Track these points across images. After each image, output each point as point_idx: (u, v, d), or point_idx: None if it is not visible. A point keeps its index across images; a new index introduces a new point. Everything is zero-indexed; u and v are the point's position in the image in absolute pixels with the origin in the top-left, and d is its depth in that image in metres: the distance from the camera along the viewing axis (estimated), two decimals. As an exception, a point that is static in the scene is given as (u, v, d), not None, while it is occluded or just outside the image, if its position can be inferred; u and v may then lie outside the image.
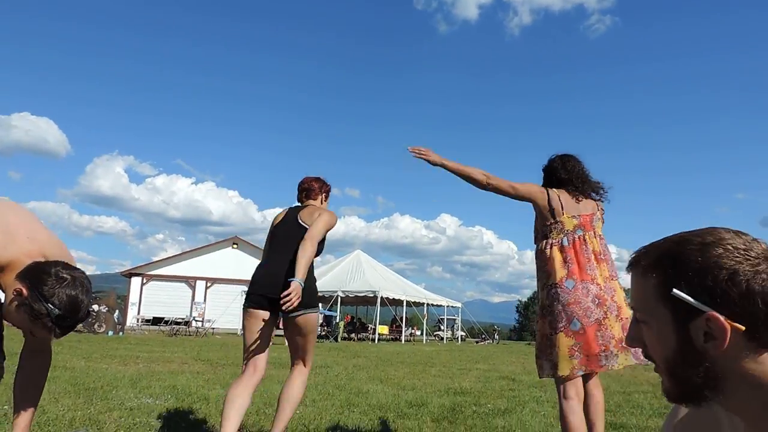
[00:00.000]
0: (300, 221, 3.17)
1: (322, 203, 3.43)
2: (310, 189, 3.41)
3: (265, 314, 3.05)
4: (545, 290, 2.72)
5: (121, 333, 21.55)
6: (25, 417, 1.97)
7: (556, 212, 2.72)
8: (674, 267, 0.83)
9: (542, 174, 2.96)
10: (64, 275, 1.74)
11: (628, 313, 2.61)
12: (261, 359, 3.11)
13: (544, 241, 2.76)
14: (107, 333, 20.75)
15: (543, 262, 2.75)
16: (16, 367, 2.11)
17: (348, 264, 28.34)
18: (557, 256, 2.66)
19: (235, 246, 38.34)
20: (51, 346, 2.17)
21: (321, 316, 28.31)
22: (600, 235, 2.77)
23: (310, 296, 3.06)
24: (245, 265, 37.55)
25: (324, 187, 3.47)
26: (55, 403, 4.55)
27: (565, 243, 2.67)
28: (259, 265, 3.26)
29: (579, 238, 2.68)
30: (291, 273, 2.91)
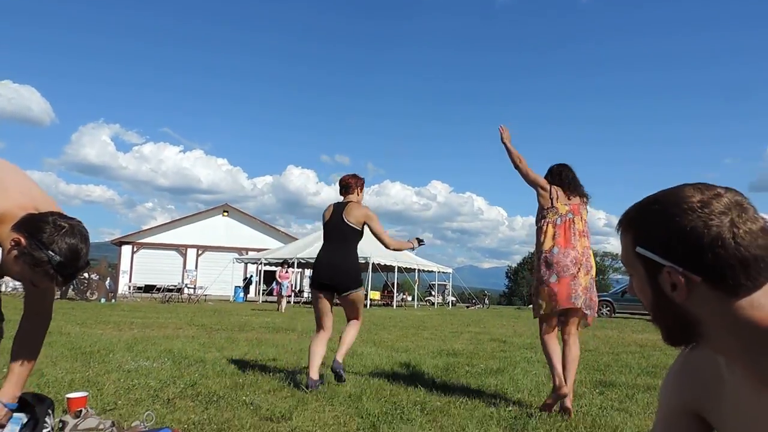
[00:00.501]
0: (345, 220, 4.34)
1: (358, 195, 4.50)
2: (348, 185, 4.48)
3: (326, 293, 4.38)
4: (537, 255, 3.74)
5: (113, 300, 21.60)
6: (21, 370, 1.93)
7: (553, 200, 3.67)
8: (639, 227, 0.92)
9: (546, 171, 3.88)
10: (62, 223, 1.73)
11: (594, 272, 3.69)
12: (328, 322, 4.43)
13: (543, 220, 3.69)
14: (100, 300, 20.80)
15: (539, 235, 3.71)
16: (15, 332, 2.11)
17: (339, 231, 28.36)
18: (550, 231, 3.64)
19: (225, 214, 38.21)
20: (51, 310, 2.15)
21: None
22: (585, 220, 3.73)
23: (357, 278, 4.43)
24: (236, 233, 37.53)
25: (359, 182, 4.52)
26: (54, 366, 4.58)
27: (558, 222, 3.63)
28: (318, 254, 4.47)
29: (569, 219, 3.64)
30: (339, 261, 4.34)
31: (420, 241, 4.85)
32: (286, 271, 18.48)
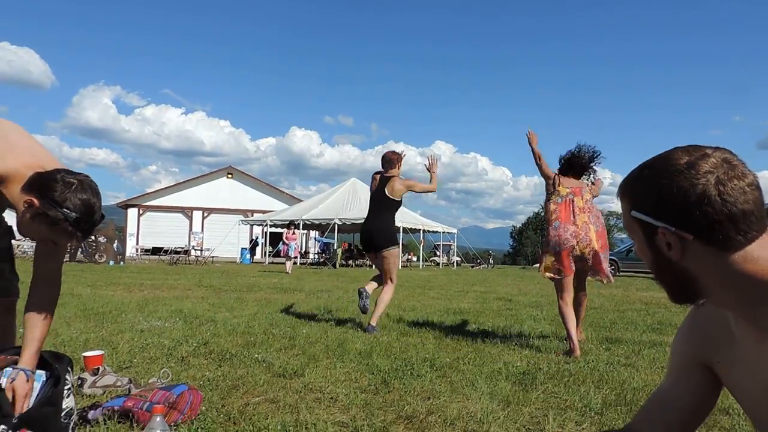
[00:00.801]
0: (387, 194, 5.17)
1: (398, 169, 5.24)
2: (390, 160, 5.25)
3: (371, 254, 5.34)
4: (545, 227, 4.49)
5: (121, 263, 21.85)
6: (37, 336, 1.92)
7: (555, 185, 4.35)
8: (633, 193, 0.97)
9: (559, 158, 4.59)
10: (71, 179, 1.73)
11: (595, 244, 4.17)
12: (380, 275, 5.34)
13: (548, 202, 4.40)
14: (108, 263, 21.04)
15: (545, 212, 4.47)
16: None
17: (344, 192, 28.37)
18: (550, 208, 4.33)
19: (230, 176, 38.20)
20: (60, 273, 2.14)
21: (319, 244, 28.65)
22: (586, 199, 4.30)
23: (387, 239, 5.20)
24: (240, 195, 37.60)
25: (399, 158, 5.30)
26: (68, 326, 4.66)
27: (559, 201, 4.29)
28: (364, 221, 5.41)
29: (569, 199, 4.27)
30: (373, 226, 5.23)
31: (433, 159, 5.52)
32: (293, 233, 18.29)
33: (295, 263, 21.09)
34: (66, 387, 1.85)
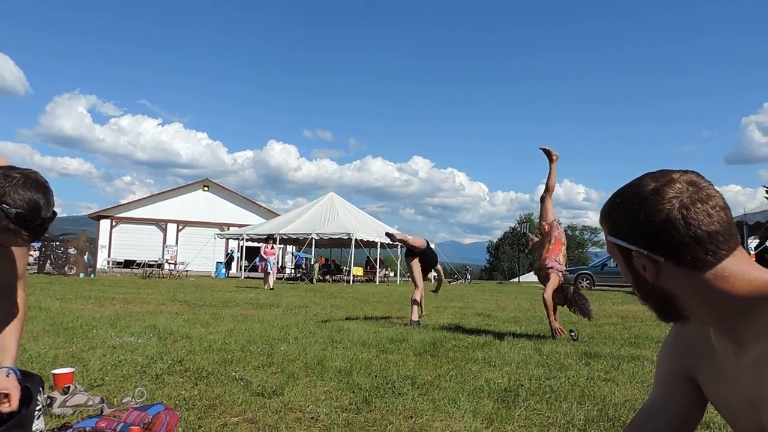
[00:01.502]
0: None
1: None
2: None
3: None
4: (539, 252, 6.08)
5: (92, 275, 21.31)
6: (9, 339, 1.82)
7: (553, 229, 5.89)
8: (608, 220, 1.03)
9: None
10: (13, 174, 1.60)
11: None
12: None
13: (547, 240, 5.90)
14: (78, 275, 20.50)
15: (546, 246, 5.94)
16: None
17: (322, 206, 28.23)
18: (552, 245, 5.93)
19: (206, 188, 37.77)
20: (22, 289, 2.01)
21: (295, 258, 28.37)
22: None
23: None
24: (217, 208, 37.17)
25: None
26: (35, 341, 4.50)
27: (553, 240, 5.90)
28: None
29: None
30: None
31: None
32: (272, 247, 17.53)
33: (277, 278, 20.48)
34: (37, 408, 1.76)
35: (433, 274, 8.12)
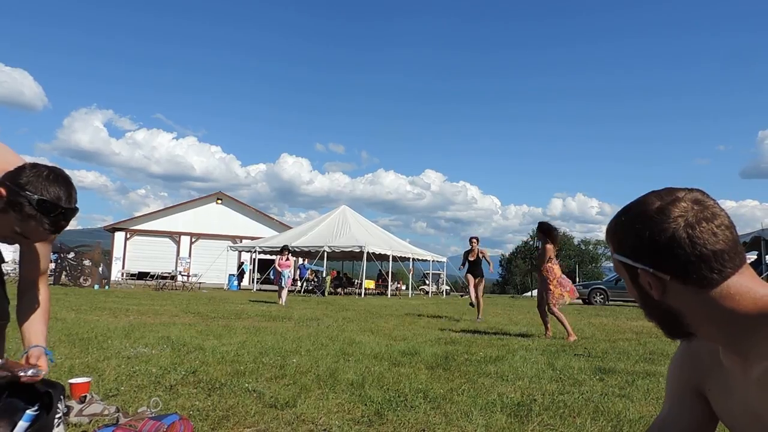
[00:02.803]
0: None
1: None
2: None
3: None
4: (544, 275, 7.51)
5: (106, 287, 21.51)
6: (39, 325, 1.98)
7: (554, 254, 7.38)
8: (614, 238, 1.03)
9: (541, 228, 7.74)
10: (41, 167, 1.72)
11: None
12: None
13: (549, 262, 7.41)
14: (93, 287, 20.71)
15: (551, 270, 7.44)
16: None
17: (334, 219, 28.32)
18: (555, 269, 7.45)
19: (219, 201, 38.09)
20: (46, 283, 2.14)
21: (308, 271, 28.41)
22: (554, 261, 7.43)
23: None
24: (230, 221, 37.44)
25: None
26: (51, 351, 4.55)
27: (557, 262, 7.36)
28: None
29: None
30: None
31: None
32: (287, 259, 15.40)
33: (290, 291, 18.35)
34: (57, 416, 1.79)
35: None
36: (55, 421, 1.76)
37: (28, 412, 1.78)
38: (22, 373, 1.78)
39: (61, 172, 1.78)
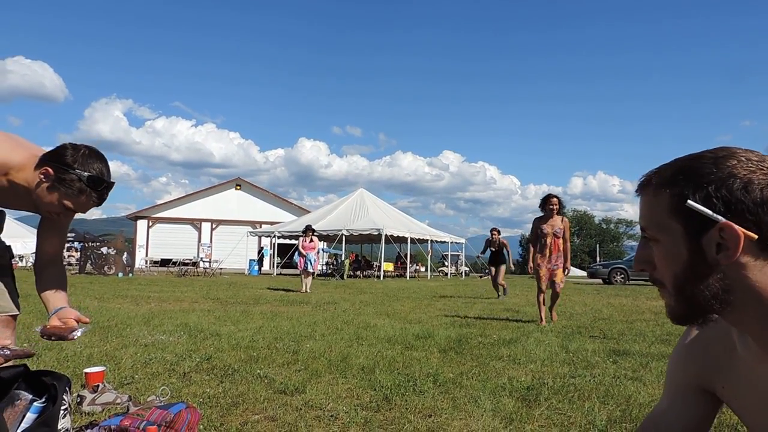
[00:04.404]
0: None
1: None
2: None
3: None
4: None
5: (130, 274, 21.95)
6: (61, 296, 2.09)
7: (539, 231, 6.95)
8: (688, 180, 0.83)
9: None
10: (79, 146, 1.88)
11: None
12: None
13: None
14: (117, 275, 21.14)
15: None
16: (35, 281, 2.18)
17: (352, 203, 28.38)
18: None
19: (238, 187, 38.38)
20: (62, 258, 2.27)
21: (326, 255, 28.60)
22: (555, 234, 6.86)
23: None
24: (249, 206, 37.76)
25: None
26: (72, 341, 4.67)
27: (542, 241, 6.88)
28: None
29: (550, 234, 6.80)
30: None
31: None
32: (311, 240, 13.79)
33: (314, 276, 16.87)
34: (63, 407, 1.84)
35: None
36: (61, 412, 1.80)
37: (35, 404, 1.83)
38: (72, 334, 1.92)
39: (96, 149, 1.95)
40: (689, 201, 0.82)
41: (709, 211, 0.80)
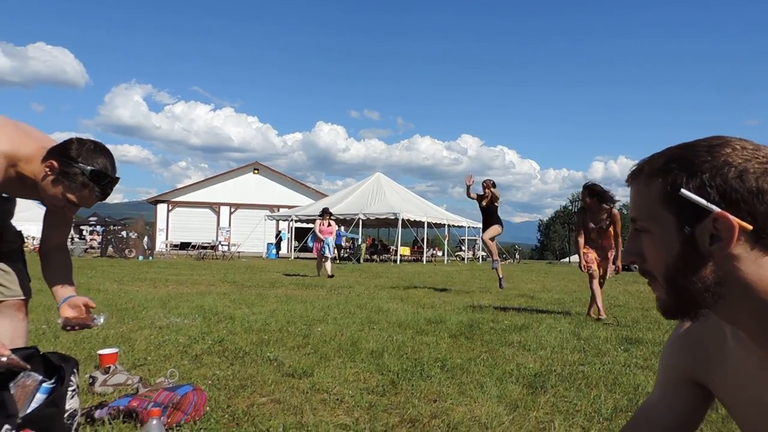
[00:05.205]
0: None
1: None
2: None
3: None
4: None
5: (150, 258, 22.33)
6: (68, 286, 2.15)
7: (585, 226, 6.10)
8: (682, 169, 0.81)
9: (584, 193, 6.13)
10: (85, 140, 1.91)
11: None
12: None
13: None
14: (138, 258, 21.53)
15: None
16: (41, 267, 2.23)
17: (369, 187, 28.40)
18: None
19: (256, 171, 38.65)
20: (66, 244, 2.32)
21: (343, 239, 28.77)
22: (601, 227, 6.04)
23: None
24: (267, 190, 38.02)
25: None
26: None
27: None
28: None
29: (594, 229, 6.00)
30: None
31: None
32: (329, 224, 13.14)
33: (334, 260, 16.32)
34: (70, 388, 1.88)
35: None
36: (69, 393, 1.84)
37: (45, 384, 1.87)
38: (95, 321, 2.06)
39: (101, 144, 1.97)
40: (683, 190, 0.79)
41: (703, 201, 0.78)
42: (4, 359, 1.62)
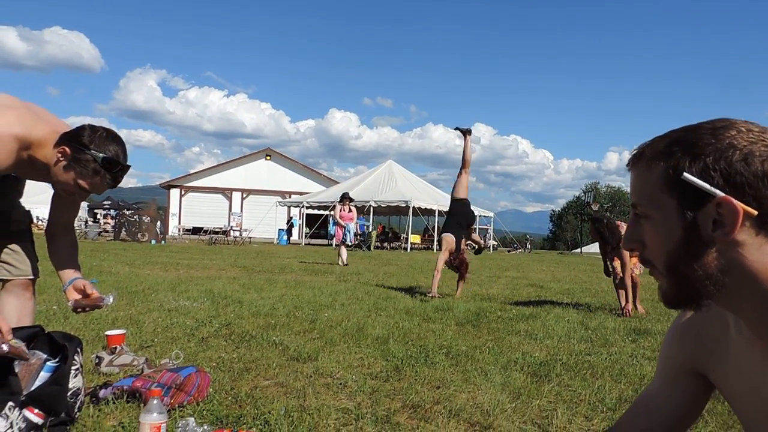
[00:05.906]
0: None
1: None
2: None
3: None
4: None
5: (163, 242, 22.53)
6: (74, 267, 2.18)
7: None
8: (685, 152, 0.78)
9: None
10: (97, 128, 1.93)
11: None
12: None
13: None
14: (150, 242, 21.74)
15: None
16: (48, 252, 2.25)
17: (380, 174, 28.36)
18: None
19: (268, 158, 38.74)
20: (73, 226, 2.36)
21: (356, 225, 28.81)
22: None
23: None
24: (279, 177, 38.12)
25: None
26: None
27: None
28: None
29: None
30: None
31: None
32: (350, 210, 12.50)
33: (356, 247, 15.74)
34: (74, 367, 1.90)
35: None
36: (72, 372, 1.86)
37: (49, 363, 1.89)
38: (104, 302, 2.10)
39: (114, 132, 1.99)
40: (685, 174, 0.76)
41: (707, 185, 0.75)
42: (6, 348, 1.63)
